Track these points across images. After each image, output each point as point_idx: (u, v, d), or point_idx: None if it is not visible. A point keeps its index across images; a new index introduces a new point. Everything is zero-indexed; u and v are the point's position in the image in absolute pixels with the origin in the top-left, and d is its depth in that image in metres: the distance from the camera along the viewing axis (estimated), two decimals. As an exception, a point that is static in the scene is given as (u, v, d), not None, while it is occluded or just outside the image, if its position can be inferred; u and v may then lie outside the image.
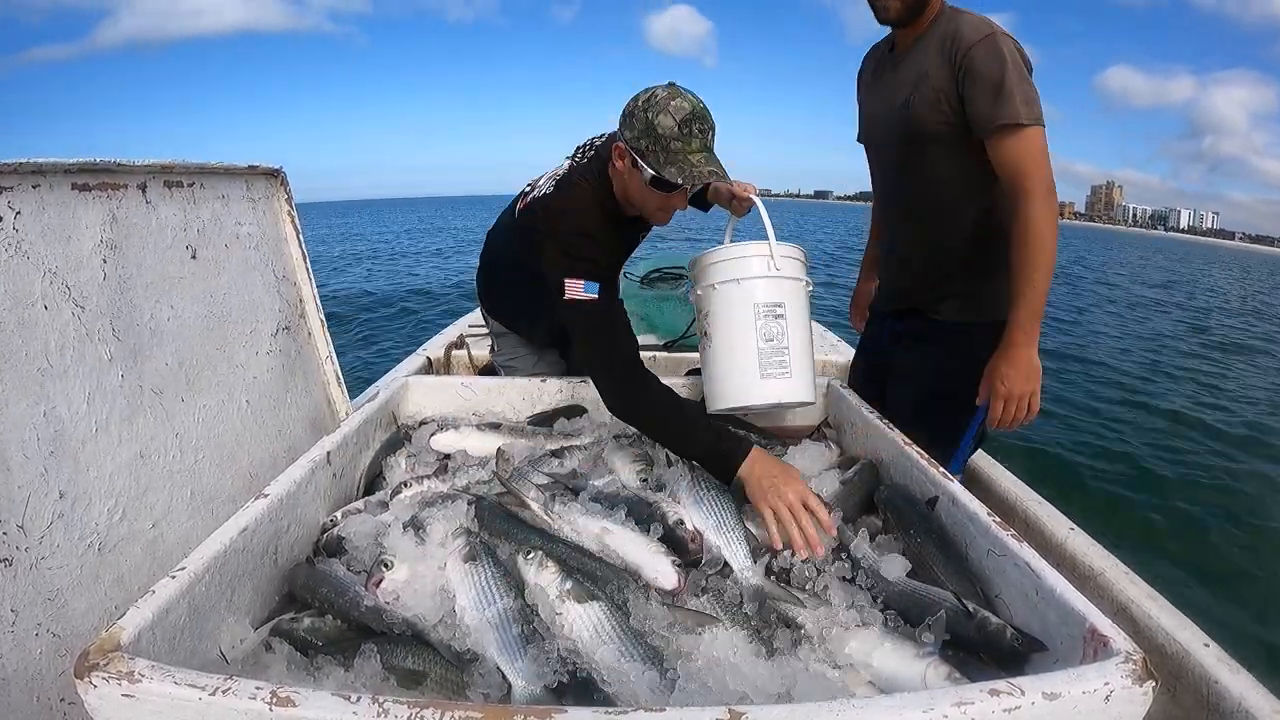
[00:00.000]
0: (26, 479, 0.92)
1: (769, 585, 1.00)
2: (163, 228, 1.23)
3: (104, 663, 0.69)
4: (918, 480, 1.23)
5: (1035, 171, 1.33)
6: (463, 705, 0.65)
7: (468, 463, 1.42)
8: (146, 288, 1.18)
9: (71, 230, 1.04)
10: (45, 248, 0.99)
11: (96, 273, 1.08)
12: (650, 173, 1.29)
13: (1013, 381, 1.38)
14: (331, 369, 1.71)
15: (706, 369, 1.49)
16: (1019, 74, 1.32)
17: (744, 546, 1.06)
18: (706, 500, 1.14)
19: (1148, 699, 0.69)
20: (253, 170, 1.53)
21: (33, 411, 0.95)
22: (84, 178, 1.07)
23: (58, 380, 0.99)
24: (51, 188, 1.01)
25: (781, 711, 0.66)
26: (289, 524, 1.13)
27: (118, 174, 1.13)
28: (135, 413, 1.13)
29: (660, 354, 2.81)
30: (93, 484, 1.03)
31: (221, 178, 1.42)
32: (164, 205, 1.24)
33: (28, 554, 0.90)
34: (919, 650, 0.85)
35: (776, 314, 1.39)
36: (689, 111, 1.27)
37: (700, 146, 1.29)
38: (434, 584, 1.00)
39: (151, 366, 1.18)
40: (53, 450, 0.97)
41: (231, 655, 0.90)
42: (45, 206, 1.00)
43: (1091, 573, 1.30)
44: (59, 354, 1.00)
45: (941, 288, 1.57)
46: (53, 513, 0.96)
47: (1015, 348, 1.37)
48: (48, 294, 0.99)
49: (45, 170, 1.00)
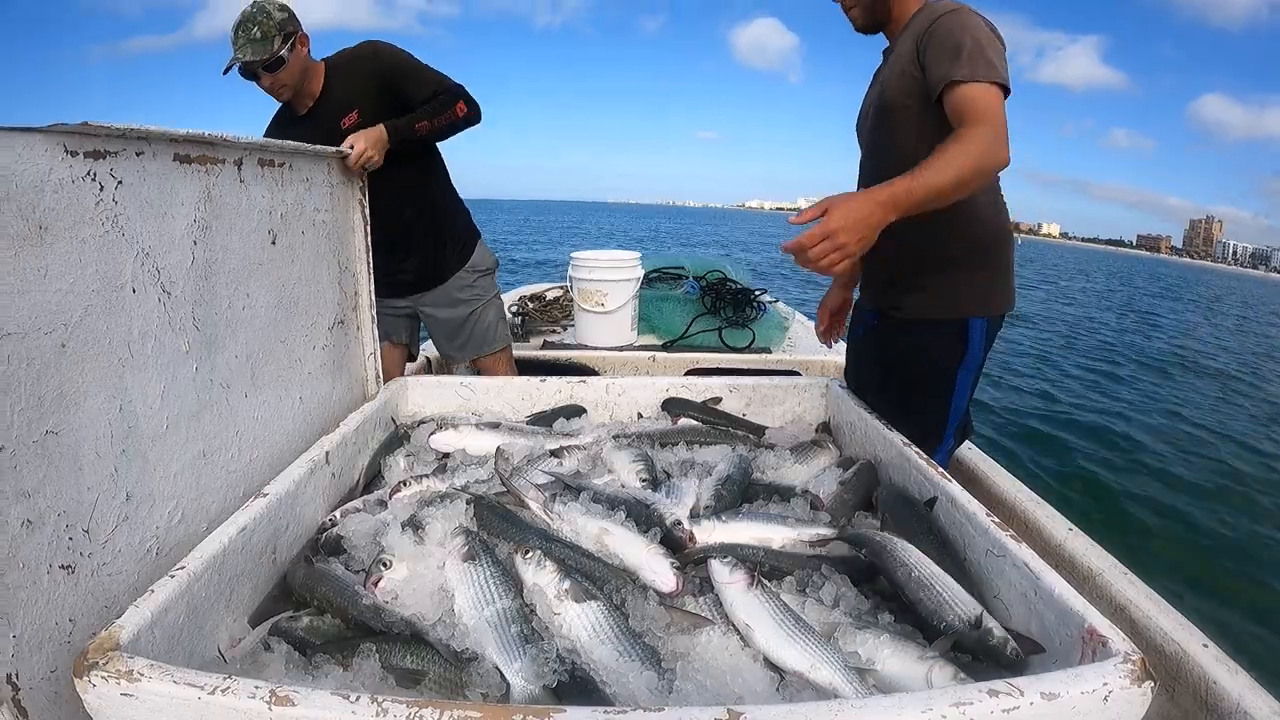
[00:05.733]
0: (97, 479, 0.87)
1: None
2: (250, 209, 1.20)
3: (103, 662, 0.69)
4: (916, 480, 1.23)
5: (989, 116, 1.23)
6: (461, 705, 0.65)
7: (467, 462, 1.42)
8: (229, 274, 1.14)
9: (168, 206, 1.00)
10: (142, 225, 0.94)
11: (186, 255, 1.04)
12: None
13: (841, 220, 1.14)
14: (372, 365, 1.69)
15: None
16: (980, 40, 1.29)
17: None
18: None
19: (1146, 699, 0.69)
20: (340, 154, 1.55)
21: (109, 405, 0.89)
22: (187, 148, 1.03)
23: (137, 372, 0.94)
24: (155, 156, 0.96)
25: (780, 711, 0.66)
26: (288, 523, 1.13)
27: (218, 148, 1.11)
28: (203, 409, 1.08)
29: (660, 354, 2.81)
30: (158, 485, 0.98)
31: (309, 160, 1.41)
32: (255, 185, 1.21)
33: (90, 559, 0.86)
34: (923, 652, 0.84)
35: None
36: (236, 20, 1.82)
37: (244, 41, 1.80)
38: (433, 583, 1.00)
39: (223, 359, 1.13)
40: (124, 449, 0.92)
41: (230, 654, 0.90)
42: (146, 178, 0.95)
43: (1090, 573, 1.31)
44: (140, 343, 0.95)
45: (907, 278, 1.53)
46: (118, 516, 0.91)
47: (870, 195, 1.18)
48: (138, 277, 0.94)
49: (151, 138, 0.95)
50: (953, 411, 1.52)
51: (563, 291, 3.75)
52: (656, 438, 1.51)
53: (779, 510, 1.23)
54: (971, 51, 1.27)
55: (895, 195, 1.17)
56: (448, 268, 2.22)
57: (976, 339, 1.49)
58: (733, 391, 1.72)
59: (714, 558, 1.00)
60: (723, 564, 0.97)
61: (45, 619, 0.79)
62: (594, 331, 3.05)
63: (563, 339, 3.23)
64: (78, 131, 0.83)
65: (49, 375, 0.80)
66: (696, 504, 1.20)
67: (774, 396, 1.73)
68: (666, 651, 0.88)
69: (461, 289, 2.24)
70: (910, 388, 1.54)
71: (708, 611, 0.95)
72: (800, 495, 1.27)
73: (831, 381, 1.72)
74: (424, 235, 2.14)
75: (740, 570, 0.95)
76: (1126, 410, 6.32)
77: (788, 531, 1.14)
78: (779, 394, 1.74)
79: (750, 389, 1.73)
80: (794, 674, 0.83)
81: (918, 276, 1.51)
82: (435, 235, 2.17)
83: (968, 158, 1.20)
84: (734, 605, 0.92)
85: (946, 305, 1.49)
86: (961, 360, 1.49)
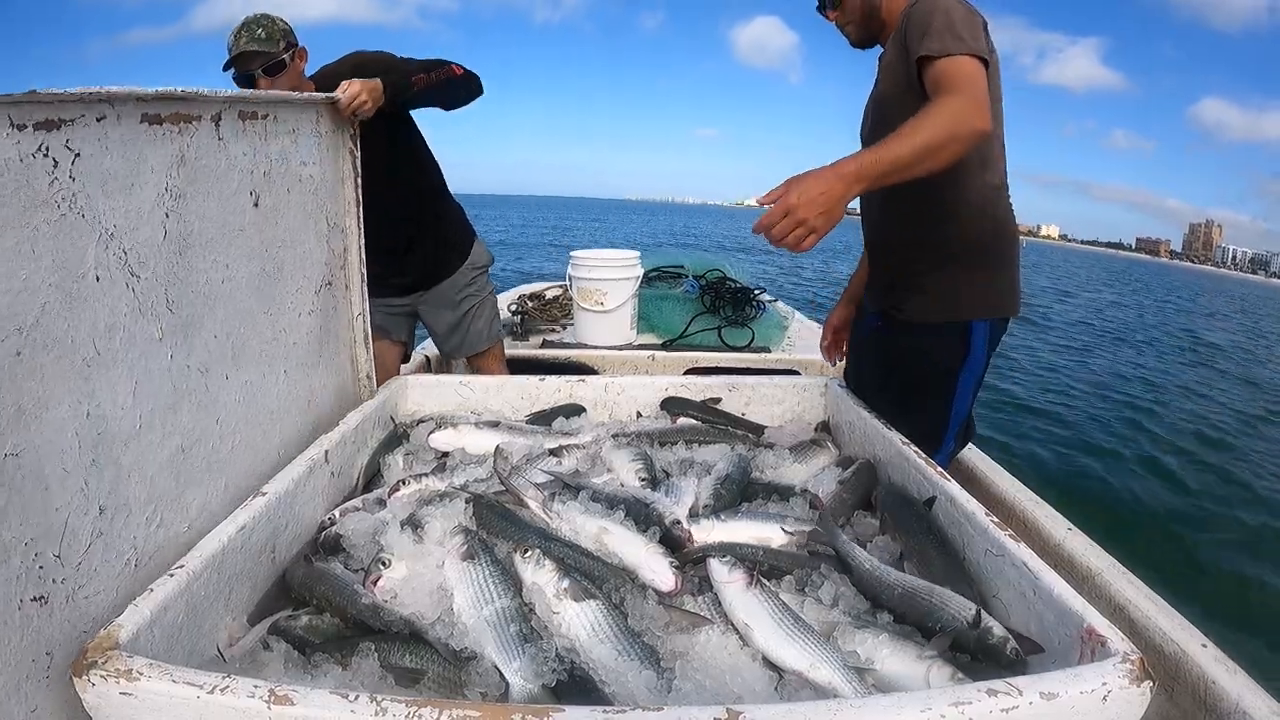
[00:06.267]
0: (66, 498, 0.79)
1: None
2: (230, 170, 1.10)
3: (102, 661, 0.69)
4: (915, 480, 1.23)
5: (962, 85, 1.22)
6: (460, 704, 0.65)
7: (466, 461, 1.42)
8: (206, 245, 1.04)
9: (136, 176, 0.89)
10: (105, 202, 0.84)
11: (157, 230, 0.93)
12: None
13: (799, 196, 1.12)
14: (361, 326, 1.60)
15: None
16: (952, 15, 1.28)
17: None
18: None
19: (1145, 699, 0.69)
20: (330, 100, 1.45)
21: (75, 413, 0.80)
22: (157, 107, 0.92)
23: (105, 370, 0.85)
24: (120, 119, 0.85)
25: (779, 711, 0.66)
26: (287, 522, 1.13)
27: (193, 103, 1.00)
28: (180, 399, 0.99)
29: (659, 353, 2.81)
30: (133, 491, 0.90)
31: (295, 109, 1.31)
32: (235, 142, 1.11)
33: (64, 586, 0.78)
34: (921, 651, 0.84)
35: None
36: (239, 24, 1.84)
37: (248, 39, 1.80)
38: (432, 582, 1.00)
39: (200, 341, 1.04)
40: (94, 459, 0.83)
41: (229, 653, 0.90)
42: (109, 146, 0.84)
43: (1089, 573, 1.31)
44: (108, 338, 0.85)
45: (909, 280, 1.53)
46: (92, 532, 0.82)
47: (832, 168, 1.16)
48: (102, 262, 0.83)
49: (115, 99, 0.84)
50: (953, 415, 1.52)
51: (562, 290, 3.74)
52: (656, 437, 1.51)
53: (778, 510, 1.23)
54: (940, 27, 1.26)
55: (861, 165, 1.16)
56: (448, 265, 2.22)
57: (979, 342, 1.48)
58: (732, 391, 1.72)
59: (713, 557, 1.00)
60: (722, 563, 0.97)
61: (20, 658, 0.73)
62: (593, 330, 3.05)
63: (562, 338, 3.22)
64: (25, 100, 0.72)
65: (4, 391, 0.71)
66: (695, 503, 1.19)
67: (773, 396, 1.73)
68: (665, 651, 0.88)
69: (460, 287, 2.24)
70: (911, 389, 1.54)
71: (707, 611, 0.95)
72: (799, 495, 1.27)
73: (831, 381, 1.72)
74: (424, 234, 2.14)
75: (739, 569, 0.95)
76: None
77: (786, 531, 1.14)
78: (778, 393, 1.73)
79: (749, 388, 1.73)
80: (793, 673, 0.83)
81: (920, 278, 1.51)
82: (435, 233, 2.18)
83: (938, 125, 1.18)
84: (733, 604, 0.92)
85: (949, 307, 1.48)
86: (963, 363, 1.49)
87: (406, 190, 2.06)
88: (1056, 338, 10.86)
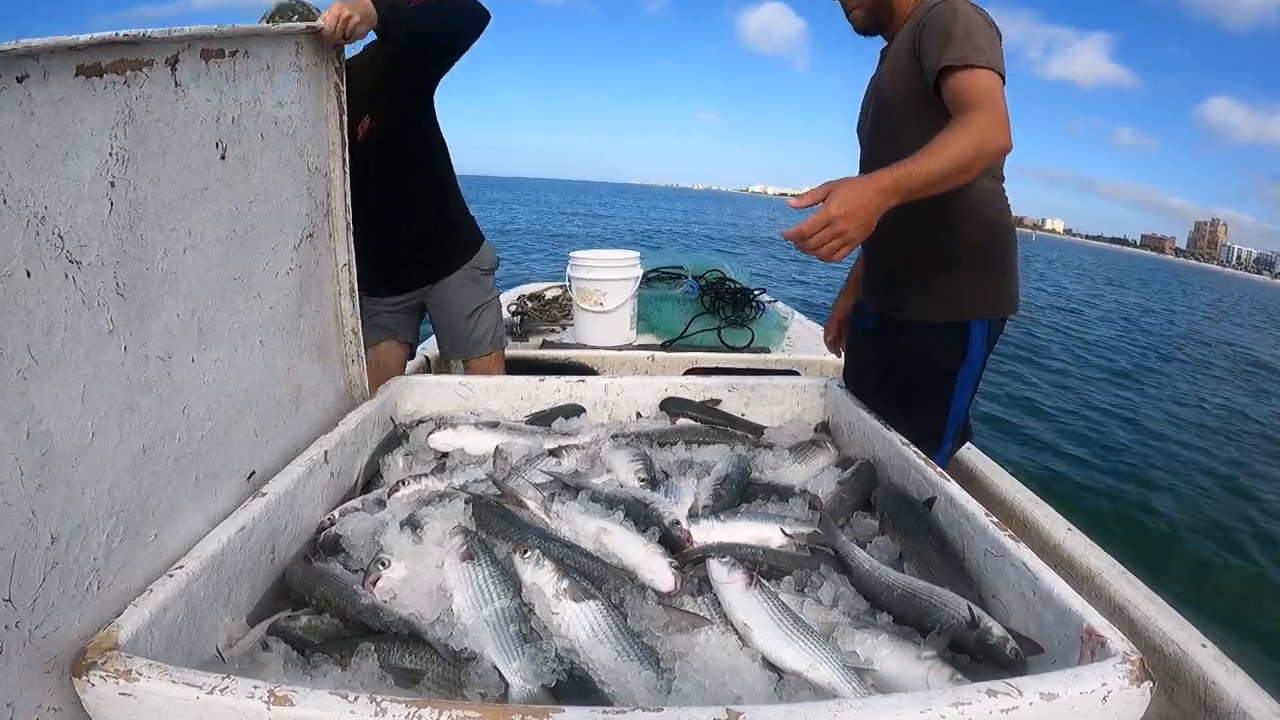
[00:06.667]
0: (10, 534, 0.69)
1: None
2: (190, 120, 0.96)
3: (101, 661, 0.69)
4: (915, 480, 1.23)
5: (988, 102, 1.22)
6: (460, 704, 0.65)
7: (465, 461, 1.42)
8: (163, 212, 0.91)
9: (71, 143, 0.75)
10: (32, 179, 0.70)
11: (100, 205, 0.80)
12: None
13: (841, 206, 1.12)
14: (347, 278, 1.45)
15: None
16: (971, 26, 1.28)
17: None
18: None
19: (1145, 700, 0.69)
20: (312, 30, 1.28)
21: (13, 436, 0.69)
22: (95, 56, 0.77)
23: (44, 379, 0.73)
24: (47, 77, 0.71)
25: (779, 711, 0.66)
26: (286, 523, 1.13)
27: (142, 47, 0.84)
28: (138, 396, 0.88)
29: (659, 353, 2.81)
30: (89, 509, 0.80)
31: (270, 43, 1.15)
32: (196, 88, 0.96)
33: (19, 630, 0.69)
34: (920, 652, 0.84)
35: None
36: (270, 9, 1.72)
37: (282, 21, 1.62)
38: (431, 583, 1.00)
39: (160, 324, 0.92)
40: (40, 483, 0.72)
41: (228, 654, 0.90)
42: (35, 110, 0.70)
43: (1089, 573, 1.31)
44: (46, 340, 0.73)
45: (908, 280, 1.53)
46: (45, 565, 0.73)
47: (872, 180, 1.16)
48: (32, 253, 0.71)
49: (40, 53, 0.70)
50: (952, 415, 1.52)
51: (562, 291, 3.74)
52: (655, 437, 1.51)
53: (777, 510, 1.23)
54: (962, 36, 1.27)
55: (897, 180, 1.16)
56: (457, 258, 2.22)
57: (977, 342, 1.48)
58: (732, 391, 1.72)
59: (712, 557, 1.00)
60: (721, 563, 0.97)
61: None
62: (593, 331, 3.05)
63: (562, 338, 3.22)
64: None
65: None
66: (695, 503, 1.19)
67: (773, 396, 1.73)
68: (665, 651, 0.88)
69: (467, 283, 2.23)
70: (910, 389, 1.54)
71: (706, 611, 0.96)
72: (799, 495, 1.27)
73: (830, 381, 1.72)
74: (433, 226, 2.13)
75: (739, 570, 0.95)
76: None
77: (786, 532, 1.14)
78: (778, 394, 1.73)
79: (749, 388, 1.73)
80: (792, 674, 0.83)
81: (918, 278, 1.51)
82: (448, 224, 2.17)
83: (968, 142, 1.19)
84: (732, 605, 0.92)
85: (947, 307, 1.48)
86: (962, 363, 1.49)
87: (426, 178, 2.04)
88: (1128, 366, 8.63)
